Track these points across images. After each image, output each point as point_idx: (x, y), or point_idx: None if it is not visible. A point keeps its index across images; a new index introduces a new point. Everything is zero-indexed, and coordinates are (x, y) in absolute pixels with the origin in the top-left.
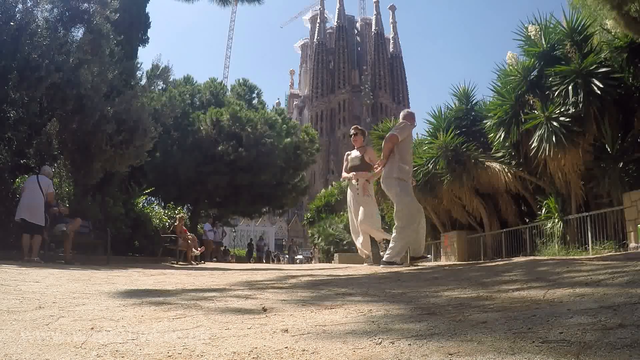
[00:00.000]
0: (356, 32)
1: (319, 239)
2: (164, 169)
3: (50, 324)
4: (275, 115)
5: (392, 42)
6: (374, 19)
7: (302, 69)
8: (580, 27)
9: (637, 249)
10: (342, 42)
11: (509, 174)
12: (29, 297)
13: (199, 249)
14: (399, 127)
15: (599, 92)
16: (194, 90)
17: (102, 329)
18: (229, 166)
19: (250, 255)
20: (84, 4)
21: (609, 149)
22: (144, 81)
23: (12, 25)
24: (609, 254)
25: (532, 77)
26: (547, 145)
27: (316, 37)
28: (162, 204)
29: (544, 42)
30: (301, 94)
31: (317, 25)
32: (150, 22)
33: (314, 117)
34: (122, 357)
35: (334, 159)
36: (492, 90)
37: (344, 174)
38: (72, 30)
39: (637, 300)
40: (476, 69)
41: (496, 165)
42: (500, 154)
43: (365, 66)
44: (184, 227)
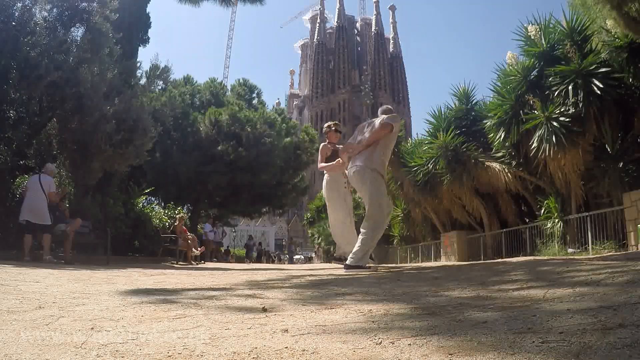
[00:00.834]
0: (356, 32)
1: (319, 239)
2: (163, 169)
3: (50, 324)
4: (275, 115)
5: (392, 42)
6: (374, 19)
7: (302, 69)
8: (580, 27)
9: None
10: (342, 42)
11: (509, 174)
12: (29, 297)
13: (199, 249)
14: (393, 117)
15: (599, 92)
16: (193, 90)
17: (102, 329)
18: (229, 166)
19: (249, 255)
20: (83, 3)
21: (609, 149)
22: (144, 81)
23: (12, 24)
24: (609, 254)
25: (532, 77)
26: (547, 145)
27: (316, 37)
28: (162, 204)
29: (543, 42)
30: (301, 94)
31: (317, 25)
32: (150, 22)
33: (314, 117)
34: (122, 357)
35: None
36: (492, 90)
37: (324, 164)
38: (72, 29)
39: (637, 300)
40: (476, 69)
41: (496, 165)
42: (500, 154)
43: (365, 66)
44: (184, 227)
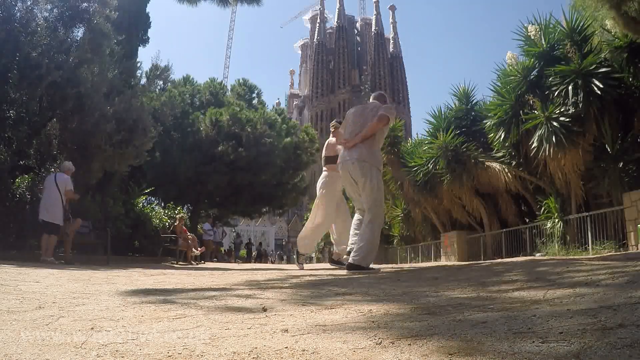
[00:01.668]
0: (356, 32)
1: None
2: (163, 169)
3: (50, 324)
4: (275, 115)
5: (392, 42)
6: (374, 19)
7: (302, 69)
8: (580, 27)
9: None
10: (342, 42)
11: (509, 174)
12: (29, 297)
13: (199, 249)
14: (388, 108)
15: (599, 92)
16: (193, 90)
17: (102, 329)
18: (229, 166)
19: (249, 255)
20: (84, 3)
21: (609, 149)
22: (144, 81)
23: (13, 24)
24: (609, 254)
25: (532, 77)
26: (547, 145)
27: (316, 37)
28: (162, 204)
29: (543, 42)
30: (301, 94)
31: (317, 25)
32: (150, 22)
33: (314, 117)
34: (122, 357)
35: None
36: (492, 90)
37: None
38: (72, 29)
39: (637, 300)
40: (476, 69)
41: (496, 165)
42: (500, 154)
43: (365, 66)
44: (184, 227)
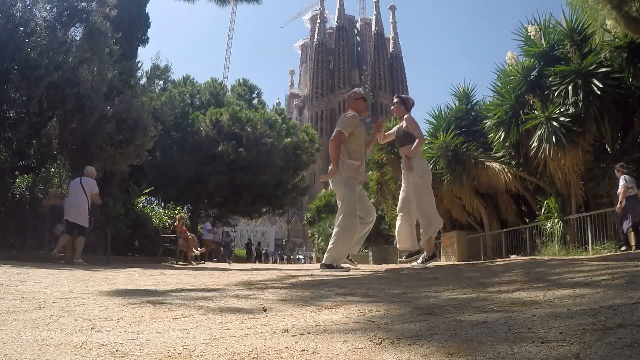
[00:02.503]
0: (356, 32)
1: (319, 239)
2: (163, 169)
3: (50, 324)
4: (275, 115)
5: (392, 42)
6: (374, 19)
7: (302, 69)
8: (580, 27)
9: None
10: (342, 42)
11: (509, 174)
12: (29, 297)
13: (199, 249)
14: (343, 120)
15: (598, 92)
16: (193, 90)
17: (102, 329)
18: (229, 166)
19: (249, 255)
20: (83, 3)
21: (609, 149)
22: (144, 81)
23: (12, 25)
24: (609, 254)
25: (532, 77)
26: (547, 145)
27: (316, 37)
28: (162, 204)
29: (543, 42)
30: (301, 94)
31: (317, 25)
32: (150, 22)
33: (314, 117)
34: (122, 357)
35: None
36: (492, 90)
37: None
38: (72, 29)
39: (637, 300)
40: (476, 69)
41: (496, 165)
42: (500, 154)
43: (365, 66)
44: (184, 227)
